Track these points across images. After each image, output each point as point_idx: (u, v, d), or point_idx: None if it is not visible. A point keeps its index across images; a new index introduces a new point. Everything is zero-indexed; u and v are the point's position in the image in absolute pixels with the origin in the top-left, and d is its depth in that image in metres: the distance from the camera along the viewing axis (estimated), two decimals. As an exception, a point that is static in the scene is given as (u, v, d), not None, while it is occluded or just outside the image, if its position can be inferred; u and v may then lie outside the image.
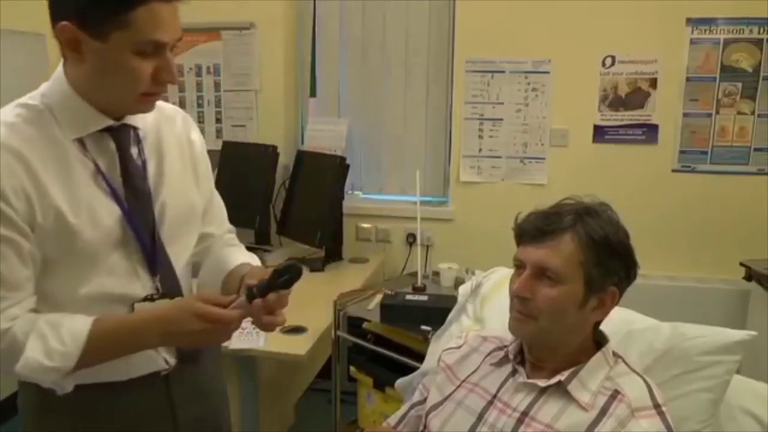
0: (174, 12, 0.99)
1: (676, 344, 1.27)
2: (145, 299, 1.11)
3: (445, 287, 2.56)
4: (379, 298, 2.33)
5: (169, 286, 1.15)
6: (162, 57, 1.00)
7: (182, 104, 3.37)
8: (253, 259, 1.28)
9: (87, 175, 1.04)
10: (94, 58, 0.97)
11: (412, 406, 1.34)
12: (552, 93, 3.05)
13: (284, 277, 1.03)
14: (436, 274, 2.67)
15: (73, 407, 1.10)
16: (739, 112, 2.91)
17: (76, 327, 1.01)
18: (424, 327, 2.01)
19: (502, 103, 3.10)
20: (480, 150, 3.15)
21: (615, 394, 1.06)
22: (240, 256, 1.27)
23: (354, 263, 3.07)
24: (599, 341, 1.16)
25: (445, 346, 1.38)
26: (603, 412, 1.04)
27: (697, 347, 1.25)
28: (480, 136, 3.15)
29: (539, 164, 3.11)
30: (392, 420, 1.35)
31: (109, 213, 1.06)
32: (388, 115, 3.29)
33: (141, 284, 1.12)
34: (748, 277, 2.62)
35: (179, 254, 1.19)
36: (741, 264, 2.65)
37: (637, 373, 1.12)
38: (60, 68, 1.05)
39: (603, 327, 1.17)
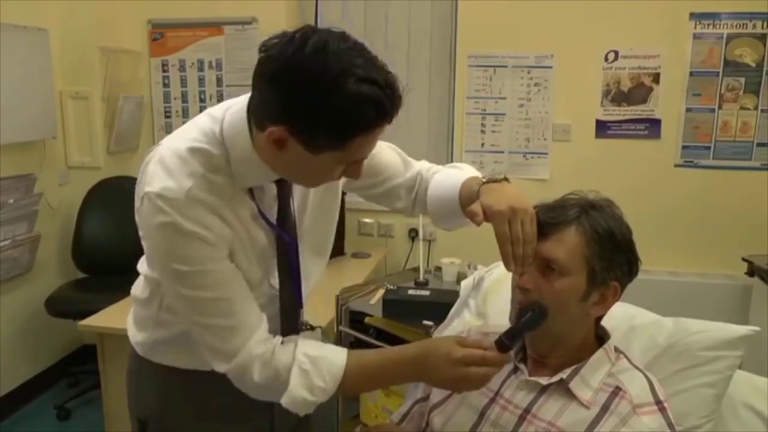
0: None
1: (678, 339, 1.27)
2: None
3: (447, 282, 2.56)
4: (381, 292, 2.33)
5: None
6: (357, 163, 1.02)
7: (184, 99, 3.38)
8: (463, 172, 1.32)
9: (249, 216, 1.08)
10: (297, 159, 0.97)
11: (415, 403, 1.34)
12: (554, 88, 3.04)
13: (526, 317, 1.05)
14: (438, 269, 2.67)
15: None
16: (742, 107, 2.90)
17: (334, 364, 1.07)
18: (426, 322, 2.00)
19: (505, 98, 3.10)
20: (482, 145, 3.15)
21: (616, 391, 1.06)
22: (454, 180, 1.30)
23: (356, 258, 3.07)
24: (601, 337, 1.16)
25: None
26: (605, 409, 1.05)
27: (699, 342, 1.25)
28: (482, 131, 3.15)
29: (542, 159, 3.11)
30: (395, 417, 1.35)
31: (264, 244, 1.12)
32: (390, 110, 3.28)
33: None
34: (750, 272, 2.62)
35: (310, 277, 1.23)
36: (743, 259, 2.65)
37: (639, 369, 1.12)
38: (245, 123, 1.02)
39: (605, 322, 1.17)
